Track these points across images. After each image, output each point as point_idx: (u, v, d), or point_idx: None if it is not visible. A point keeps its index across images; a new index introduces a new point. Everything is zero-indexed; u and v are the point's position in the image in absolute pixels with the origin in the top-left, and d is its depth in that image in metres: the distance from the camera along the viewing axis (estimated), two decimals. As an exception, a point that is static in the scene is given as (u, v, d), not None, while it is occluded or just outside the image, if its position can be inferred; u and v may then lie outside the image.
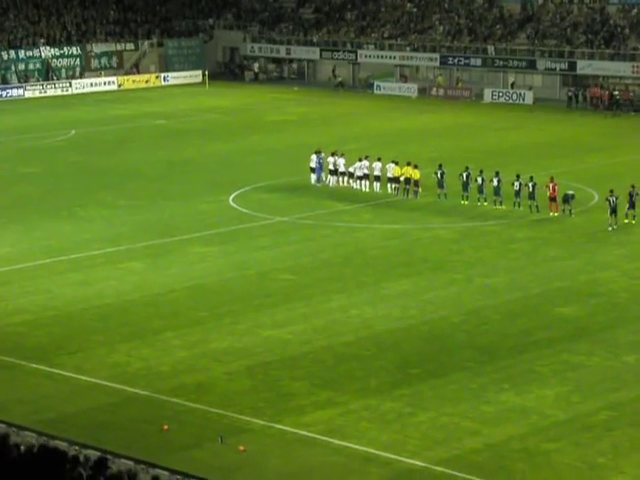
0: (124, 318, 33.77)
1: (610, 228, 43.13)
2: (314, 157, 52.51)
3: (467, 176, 47.72)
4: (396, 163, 50.16)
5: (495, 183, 46.88)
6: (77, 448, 21.01)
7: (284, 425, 25.96)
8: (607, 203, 43.31)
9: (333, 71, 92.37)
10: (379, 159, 50.91)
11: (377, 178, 50.56)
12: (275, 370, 29.46)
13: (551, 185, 45.56)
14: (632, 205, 43.55)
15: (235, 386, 28.47)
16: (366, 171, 50.65)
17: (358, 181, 50.95)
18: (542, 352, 30.38)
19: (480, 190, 47.30)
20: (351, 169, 51.19)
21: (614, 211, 42.98)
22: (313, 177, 52.49)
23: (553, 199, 45.49)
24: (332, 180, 51.89)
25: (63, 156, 61.76)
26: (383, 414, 26.56)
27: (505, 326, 32.68)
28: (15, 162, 60.05)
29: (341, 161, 51.69)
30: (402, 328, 32.65)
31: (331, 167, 51.95)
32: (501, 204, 46.83)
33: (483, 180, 47.22)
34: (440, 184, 48.51)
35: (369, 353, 30.63)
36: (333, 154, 52.39)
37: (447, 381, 28.50)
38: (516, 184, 46.32)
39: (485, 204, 47.28)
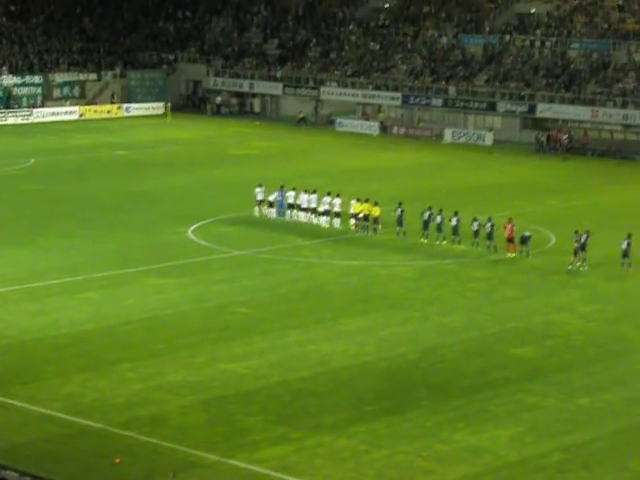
0: (79, 349, 33.49)
1: (570, 266, 43.44)
2: (275, 192, 52.67)
3: (429, 215, 47.96)
4: (357, 200, 50.35)
5: (454, 222, 47.18)
6: (27, 479, 20.76)
7: (238, 460, 25.80)
8: (575, 242, 43.60)
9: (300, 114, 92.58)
10: (338, 195, 51.08)
11: (337, 214, 50.71)
12: (230, 404, 29.32)
13: (509, 226, 45.90)
14: (583, 248, 43.84)
15: (190, 420, 28.28)
16: (327, 207, 50.78)
17: (318, 217, 51.05)
18: (497, 392, 30.48)
19: (439, 229, 47.55)
20: (312, 204, 51.28)
21: (581, 249, 43.26)
22: (271, 211, 52.61)
23: (510, 240, 45.82)
24: (292, 215, 51.96)
25: (22, 184, 61.37)
26: (338, 451, 26.48)
27: (461, 365, 32.77)
28: (-27, 189, 59.58)
29: (304, 197, 51.79)
30: (359, 365, 32.64)
31: (291, 201, 52.06)
32: (459, 243, 47.10)
33: (442, 219, 47.49)
34: (399, 222, 48.75)
35: (325, 389, 30.58)
36: (294, 188, 52.58)
37: (402, 419, 28.50)
38: (475, 224, 46.64)
39: (444, 243, 47.53)
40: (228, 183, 62.61)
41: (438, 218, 47.54)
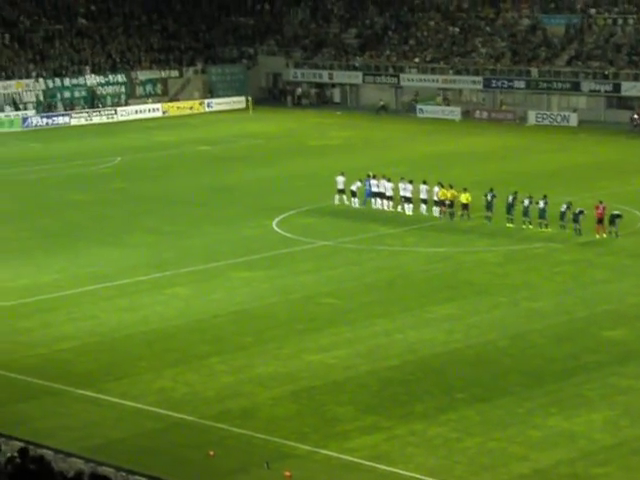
0: (169, 344, 33.87)
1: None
2: (357, 182, 52.66)
3: (513, 199, 47.49)
4: (442, 186, 50.05)
5: (541, 205, 46.59)
6: (124, 474, 21.07)
7: (329, 450, 25.86)
8: None
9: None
10: (424, 182, 50.82)
11: (423, 201, 50.46)
12: (320, 395, 29.39)
13: (600, 207, 45.15)
14: None
15: (280, 411, 28.42)
16: (409, 194, 50.57)
17: (403, 204, 50.86)
18: (590, 376, 30.06)
19: (525, 213, 47.01)
20: (399, 192, 51.06)
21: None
22: (355, 201, 52.60)
23: (600, 221, 45.08)
24: (377, 203, 51.85)
25: (109, 183, 62.27)
26: (429, 439, 26.38)
27: (552, 350, 32.38)
28: (62, 189, 60.61)
29: (387, 185, 51.67)
30: (447, 352, 32.46)
31: (375, 189, 51.95)
32: (546, 227, 46.50)
33: (530, 203, 46.91)
34: (489, 207, 48.29)
35: (414, 377, 30.48)
36: (375, 176, 52.51)
37: (494, 406, 28.26)
38: (563, 206, 45.95)
39: (530, 227, 46.98)
40: (310, 174, 62.72)
41: (526, 201, 46.99)
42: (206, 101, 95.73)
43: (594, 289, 38.48)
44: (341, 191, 53.15)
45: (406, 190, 50.83)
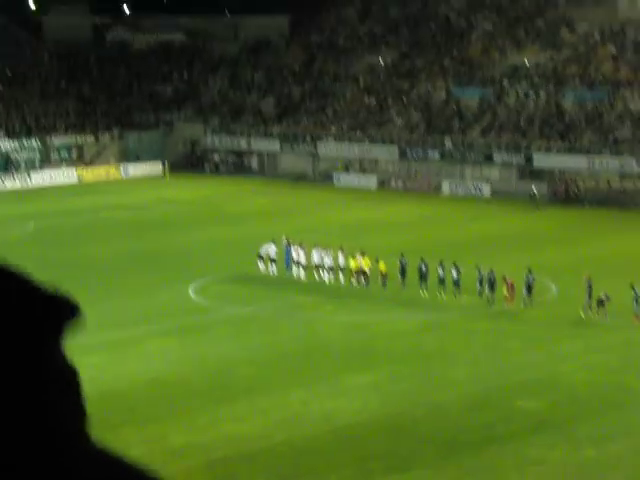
0: (81, 413, 33.21)
1: (599, 317, 43.25)
2: (272, 247, 52.70)
3: (425, 267, 48.03)
4: (359, 254, 50.37)
5: (454, 275, 47.12)
6: None
7: (243, 523, 25.54)
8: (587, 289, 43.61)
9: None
10: (340, 249, 51.11)
11: (339, 269, 50.68)
12: (234, 465, 29.08)
13: (508, 280, 45.78)
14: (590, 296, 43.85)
15: (194, 483, 28.05)
16: (326, 262, 50.79)
17: (321, 272, 51.02)
18: (504, 446, 30.24)
19: (440, 281, 47.50)
20: (315, 260, 51.25)
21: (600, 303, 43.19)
22: (267, 266, 52.54)
23: (511, 290, 45.61)
24: (295, 271, 51.91)
25: (21, 250, 61.35)
26: (344, 511, 26.21)
27: (466, 420, 32.54)
28: (-27, 254, 59.53)
29: (303, 252, 51.82)
30: (363, 422, 32.42)
31: (295, 257, 52.03)
32: (459, 295, 46.98)
33: (443, 271, 47.44)
34: (402, 274, 48.80)
35: (330, 447, 30.35)
36: (290, 244, 52.66)
37: (409, 477, 28.23)
38: (478, 275, 46.48)
39: (444, 296, 47.43)
40: (227, 241, 62.63)
41: (439, 270, 47.51)
42: (122, 167, 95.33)
43: (507, 358, 38.85)
44: (273, 260, 52.72)
45: (322, 258, 51.04)
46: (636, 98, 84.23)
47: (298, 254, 51.89)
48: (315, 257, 51.31)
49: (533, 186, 75.77)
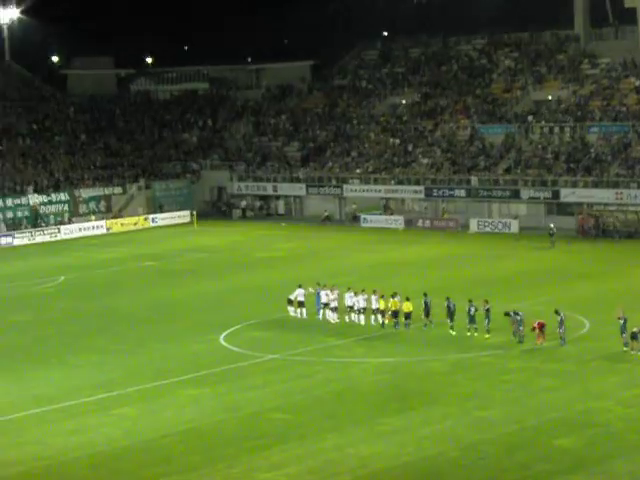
0: (116, 466, 33.25)
1: (633, 352, 43.01)
2: (301, 291, 52.70)
3: (453, 306, 47.97)
4: (382, 296, 50.30)
5: (485, 312, 46.93)
6: None
7: None
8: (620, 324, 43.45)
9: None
10: (374, 291, 51.02)
11: (365, 310, 50.63)
12: (271, 515, 28.92)
13: (537, 323, 45.51)
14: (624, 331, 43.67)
15: (231, 533, 27.90)
16: (362, 304, 50.72)
17: (353, 314, 50.97)
18: (542, 486, 29.97)
19: (471, 320, 47.34)
20: (348, 302, 51.19)
21: (634, 337, 42.94)
22: (300, 311, 52.51)
23: (540, 329, 45.29)
24: (328, 314, 51.83)
25: (52, 302, 61.73)
26: None
27: (503, 460, 32.27)
28: (4, 310, 59.93)
29: (332, 295, 51.72)
30: (399, 466, 32.21)
31: (324, 301, 51.98)
32: (490, 333, 46.75)
33: (475, 309, 47.27)
34: (426, 314, 48.75)
35: (367, 493, 30.15)
36: (324, 287, 52.57)
37: (447, 520, 27.99)
38: (513, 315, 46.24)
39: (475, 334, 47.22)
40: (256, 287, 62.71)
41: (471, 309, 47.36)
42: (151, 216, 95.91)
43: (542, 397, 38.56)
44: (301, 304, 52.78)
45: (354, 300, 51.00)
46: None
47: (328, 297, 51.81)
48: (347, 300, 51.24)
49: (552, 224, 75.47)
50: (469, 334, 47.35)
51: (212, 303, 58.89)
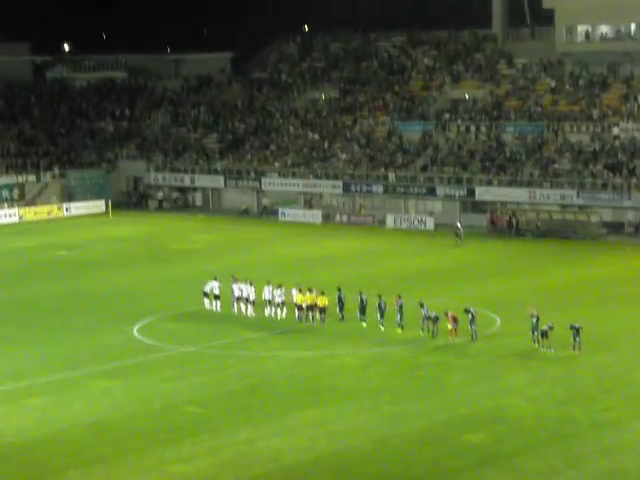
0: (25, 457, 32.78)
1: (543, 349, 43.58)
2: (216, 284, 52.45)
3: (365, 300, 48.25)
4: (299, 290, 50.36)
5: (397, 308, 47.25)
6: None
7: None
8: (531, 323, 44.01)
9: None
10: (280, 286, 51.03)
11: (282, 304, 50.65)
12: (182, 508, 28.78)
13: (450, 314, 45.96)
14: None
15: (140, 526, 27.70)
16: (272, 297, 50.68)
17: (270, 308, 50.85)
18: (451, 480, 30.29)
19: (381, 315, 47.66)
20: (267, 296, 51.04)
21: (544, 334, 43.47)
22: (215, 304, 52.24)
23: (454, 324, 45.74)
24: (244, 308, 51.63)
25: (-38, 290, 60.62)
26: None
27: (414, 455, 32.54)
28: None
29: (250, 288, 51.53)
30: (311, 459, 32.29)
31: (237, 293, 51.79)
32: (402, 329, 47.11)
33: (384, 304, 47.58)
34: (340, 308, 48.96)
35: (278, 487, 30.18)
36: (237, 280, 52.38)
37: (357, 514, 28.14)
38: (423, 310, 46.60)
39: (382, 328, 47.45)
40: (172, 279, 62.30)
41: (381, 304, 47.67)
42: (64, 205, 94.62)
43: (453, 392, 38.96)
44: (217, 297, 52.55)
45: (268, 294, 50.94)
46: (575, 130, 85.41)
47: (242, 290, 51.64)
48: (265, 293, 51.07)
49: (458, 223, 75.98)
50: (382, 329, 47.62)
51: (126, 294, 58.35)
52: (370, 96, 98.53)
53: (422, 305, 46.97)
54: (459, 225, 74.78)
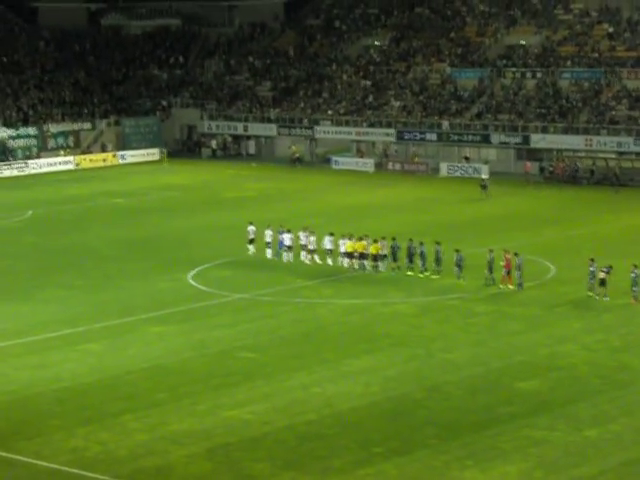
0: (82, 401, 33.28)
1: (599, 297, 43.23)
2: (268, 232, 52.70)
3: (415, 249, 48.09)
4: (350, 238, 50.30)
5: (455, 257, 47.05)
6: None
7: (246, 508, 25.57)
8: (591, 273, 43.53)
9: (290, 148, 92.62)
10: (331, 234, 51.07)
11: (330, 252, 50.70)
12: (236, 452, 29.08)
13: (507, 257, 45.68)
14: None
15: (195, 469, 28.05)
16: (327, 246, 50.76)
17: (315, 256, 50.90)
18: (504, 427, 30.27)
19: (437, 262, 47.53)
20: (310, 245, 51.13)
21: (602, 282, 43.07)
22: (269, 252, 52.59)
23: (508, 272, 45.56)
24: (290, 256, 51.78)
25: (19, 237, 61.35)
26: (346, 495, 26.25)
27: (467, 402, 32.56)
28: (-29, 243, 59.52)
29: (301, 236, 51.59)
30: (364, 405, 32.43)
31: (288, 243, 51.85)
32: (459, 278, 46.98)
33: (440, 252, 47.42)
34: (393, 257, 48.85)
35: (332, 432, 30.35)
36: (289, 230, 52.48)
37: (411, 459, 28.26)
38: (489, 256, 46.15)
39: (436, 277, 47.32)
40: (226, 226, 62.55)
41: (437, 252, 47.52)
42: (119, 153, 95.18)
43: (507, 340, 38.86)
44: (252, 241, 53.18)
45: (318, 242, 51.00)
46: (632, 77, 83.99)
47: (298, 240, 51.64)
48: (311, 242, 51.10)
49: (483, 174, 74.49)
50: (435, 277, 47.52)
51: (180, 242, 58.72)
52: (424, 42, 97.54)
53: (457, 251, 46.76)
54: (484, 177, 72.88)
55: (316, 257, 51.19)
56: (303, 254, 51.47)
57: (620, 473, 27.24)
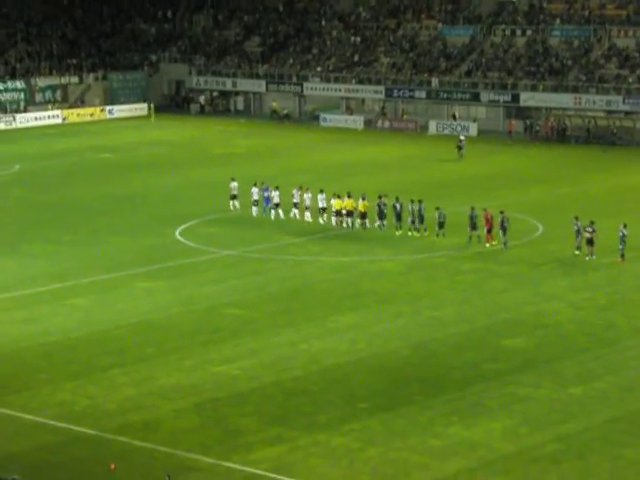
0: (70, 356, 33.42)
1: (589, 257, 43.38)
2: (254, 190, 52.68)
3: (400, 206, 48.09)
4: (338, 196, 50.29)
5: (437, 215, 47.10)
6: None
7: (232, 463, 25.79)
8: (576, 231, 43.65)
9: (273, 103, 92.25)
10: (321, 191, 51.05)
11: (323, 210, 50.74)
12: (223, 407, 29.29)
13: (488, 215, 45.62)
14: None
15: (183, 424, 28.25)
16: (322, 204, 50.65)
17: (304, 213, 50.94)
18: (489, 384, 30.52)
19: (420, 220, 47.58)
20: (295, 201, 51.18)
21: (588, 241, 43.18)
22: (254, 210, 52.59)
23: (489, 230, 45.63)
24: (277, 213, 51.84)
25: (6, 191, 61.20)
26: (332, 450, 26.49)
27: (453, 359, 32.79)
28: (-42, 197, 59.37)
29: (306, 195, 51.42)
30: (350, 362, 32.63)
31: (276, 200, 51.87)
32: (444, 235, 47.08)
33: (423, 210, 47.47)
34: (379, 216, 48.87)
35: (318, 388, 30.57)
36: (277, 188, 52.48)
37: (396, 415, 28.51)
38: (471, 213, 46.23)
39: (425, 234, 47.43)
40: (214, 183, 62.41)
41: (420, 210, 47.56)
42: (107, 108, 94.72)
43: (493, 298, 39.05)
44: (234, 197, 53.29)
45: (305, 199, 50.99)
46: (622, 35, 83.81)
47: (270, 196, 51.61)
48: (296, 198, 51.05)
49: (462, 136, 73.65)
50: (422, 234, 47.64)
51: (168, 198, 58.66)
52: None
53: (438, 208, 46.84)
54: (462, 137, 72.25)
55: (308, 214, 51.03)
56: (294, 211, 51.47)
57: (605, 430, 27.52)
